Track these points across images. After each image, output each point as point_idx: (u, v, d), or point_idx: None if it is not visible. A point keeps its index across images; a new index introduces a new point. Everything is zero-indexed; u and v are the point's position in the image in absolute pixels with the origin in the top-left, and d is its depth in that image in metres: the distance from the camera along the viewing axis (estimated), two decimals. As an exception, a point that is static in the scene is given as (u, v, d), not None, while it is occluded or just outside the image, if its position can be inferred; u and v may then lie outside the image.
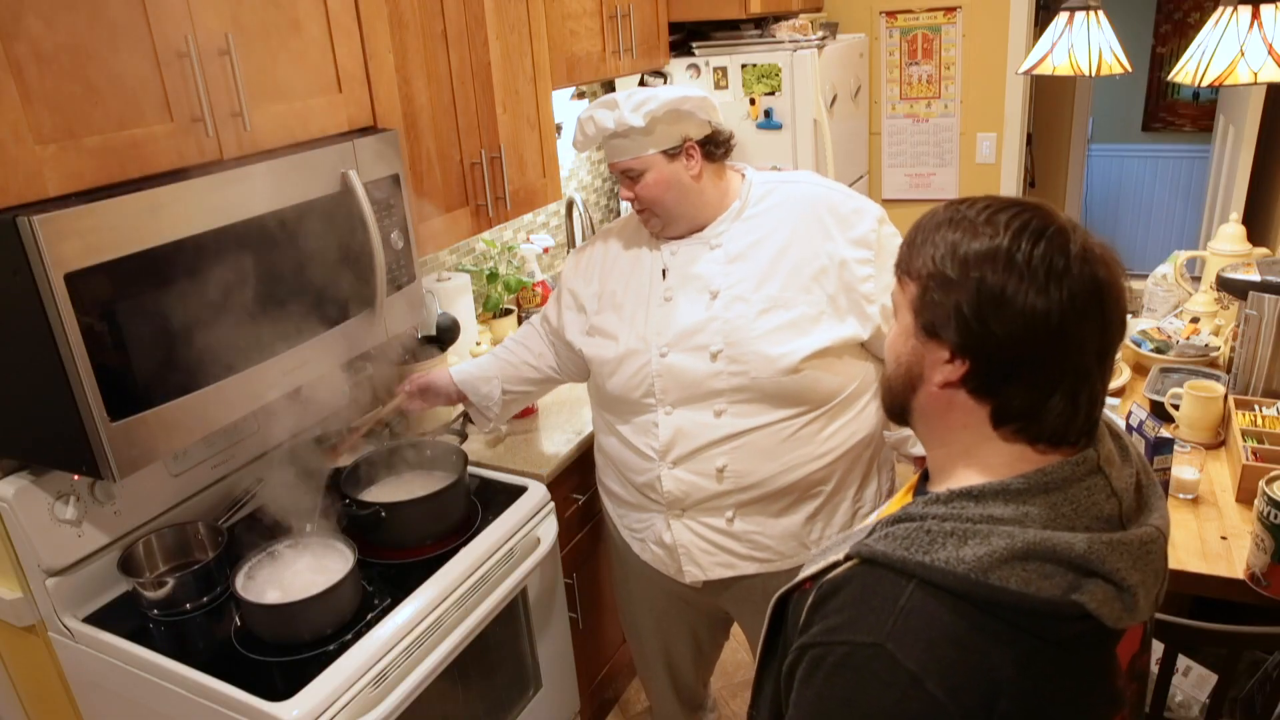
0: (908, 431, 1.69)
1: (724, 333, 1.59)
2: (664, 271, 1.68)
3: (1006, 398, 0.83)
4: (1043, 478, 0.82)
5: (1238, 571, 1.53)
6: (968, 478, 0.87)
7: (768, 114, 3.05)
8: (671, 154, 1.61)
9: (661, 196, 1.62)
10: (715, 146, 1.65)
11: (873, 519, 0.97)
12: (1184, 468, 1.73)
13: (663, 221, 1.66)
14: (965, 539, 0.80)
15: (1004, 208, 0.84)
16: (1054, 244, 0.80)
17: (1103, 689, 0.83)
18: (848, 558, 0.86)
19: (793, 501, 1.66)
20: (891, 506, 0.97)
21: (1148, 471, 0.92)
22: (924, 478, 0.97)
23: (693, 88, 1.85)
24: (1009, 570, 0.77)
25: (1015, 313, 0.79)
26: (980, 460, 0.87)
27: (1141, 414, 1.66)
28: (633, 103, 1.58)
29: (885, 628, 0.78)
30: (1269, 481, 1.45)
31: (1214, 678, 1.58)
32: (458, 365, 1.97)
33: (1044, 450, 0.85)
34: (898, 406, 0.93)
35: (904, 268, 0.89)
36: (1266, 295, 1.92)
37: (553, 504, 1.94)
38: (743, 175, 1.71)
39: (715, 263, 1.64)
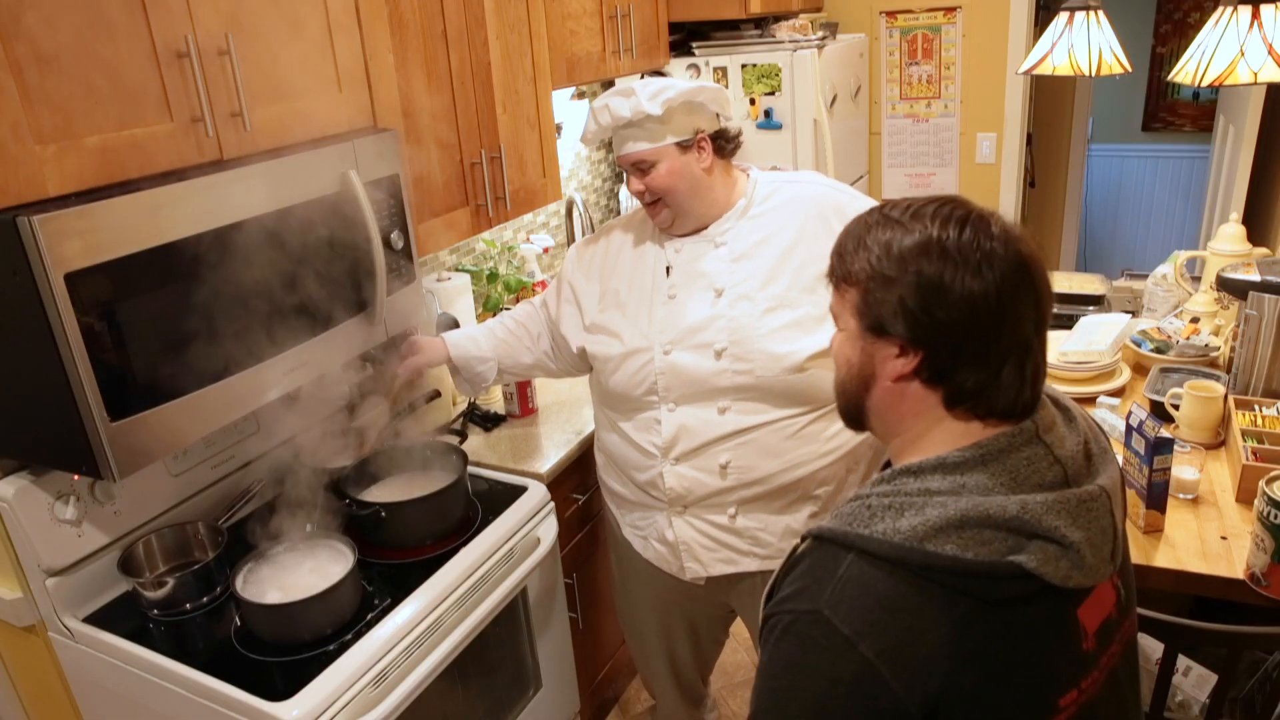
0: None
1: (729, 331, 1.59)
2: (668, 269, 1.68)
3: (960, 380, 0.87)
4: (979, 450, 0.86)
5: (1238, 571, 1.52)
6: (915, 457, 0.91)
7: (768, 114, 3.05)
8: (684, 146, 1.61)
9: (674, 187, 1.62)
10: (726, 141, 1.66)
11: None
12: (1184, 468, 1.73)
13: (673, 214, 1.65)
14: (902, 511, 0.84)
15: (926, 203, 0.89)
16: (978, 229, 0.85)
17: (1060, 650, 0.85)
18: (804, 538, 0.91)
19: (795, 499, 1.66)
20: None
21: (1099, 439, 0.95)
22: (885, 466, 1.00)
23: (707, 81, 1.85)
24: (944, 538, 0.81)
25: (956, 298, 0.84)
26: (931, 441, 0.91)
27: (1141, 414, 1.66)
28: (650, 91, 1.58)
29: (824, 595, 0.82)
30: (1269, 481, 1.45)
31: (1214, 678, 1.58)
32: (452, 334, 1.94)
33: (994, 424, 0.89)
34: (853, 409, 0.97)
35: (839, 275, 0.94)
36: (1266, 295, 1.92)
37: (553, 504, 1.94)
38: (747, 174, 1.71)
39: (720, 261, 1.63)
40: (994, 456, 0.86)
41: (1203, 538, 1.62)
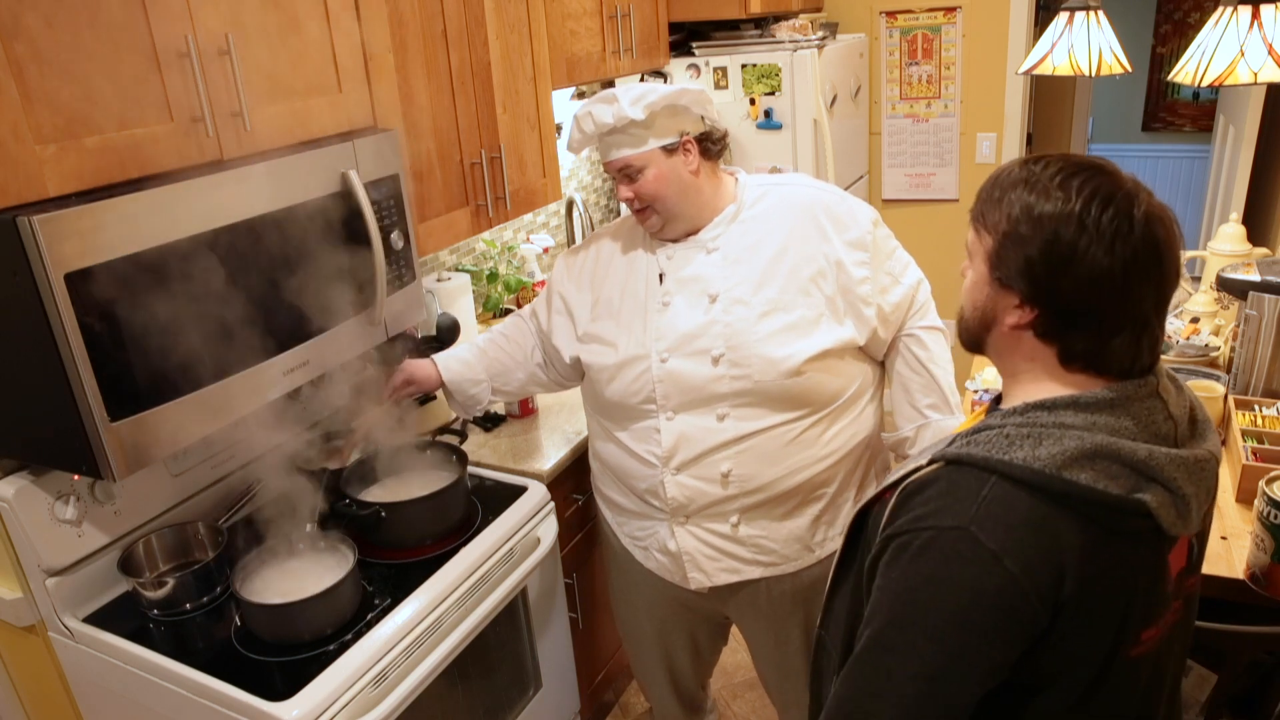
0: (906, 434, 1.69)
1: (725, 336, 1.58)
2: (661, 276, 1.67)
3: (1071, 341, 0.93)
4: (1108, 394, 0.92)
5: (1238, 571, 1.53)
6: (1038, 396, 0.96)
7: (768, 114, 3.05)
8: (669, 149, 1.60)
9: (662, 192, 1.61)
10: (711, 143, 1.65)
11: (951, 432, 1.06)
12: (1184, 468, 1.73)
13: (663, 219, 1.65)
14: (1040, 440, 0.90)
15: (1075, 172, 0.92)
16: (1121, 209, 0.89)
17: (1155, 588, 0.94)
18: (932, 462, 0.95)
19: (797, 504, 1.66)
20: (964, 427, 1.07)
21: (1201, 407, 1.02)
22: (996, 402, 1.07)
23: (689, 83, 1.84)
24: (1079, 468, 0.88)
25: (1082, 270, 0.89)
26: (1046, 389, 0.97)
27: (1141, 414, 1.66)
28: (631, 96, 1.58)
29: (969, 513, 0.88)
30: (1269, 481, 1.45)
31: (1214, 678, 1.58)
32: (444, 357, 1.92)
33: (1109, 381, 0.94)
34: (974, 343, 1.04)
35: (980, 219, 0.98)
36: (1266, 295, 1.92)
37: (553, 504, 1.94)
38: (735, 178, 1.71)
39: (713, 266, 1.63)
40: (1121, 403, 0.92)
41: (1203, 538, 1.62)
